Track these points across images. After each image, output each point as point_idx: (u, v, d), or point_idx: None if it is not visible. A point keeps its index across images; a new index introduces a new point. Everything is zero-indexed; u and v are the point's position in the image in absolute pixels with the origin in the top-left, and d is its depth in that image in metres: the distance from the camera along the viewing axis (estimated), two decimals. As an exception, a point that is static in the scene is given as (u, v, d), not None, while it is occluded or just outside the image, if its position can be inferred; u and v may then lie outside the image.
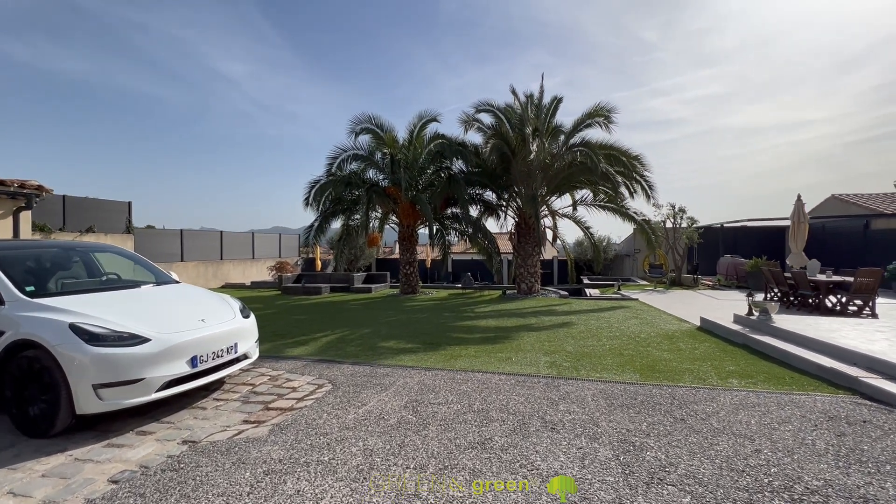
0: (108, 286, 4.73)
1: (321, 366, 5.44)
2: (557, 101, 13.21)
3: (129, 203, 15.55)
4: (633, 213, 13.03)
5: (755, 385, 4.51)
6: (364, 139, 14.04)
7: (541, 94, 13.12)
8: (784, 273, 9.28)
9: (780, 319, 6.95)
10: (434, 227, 13.65)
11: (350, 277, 15.70)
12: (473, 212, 14.33)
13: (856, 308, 7.69)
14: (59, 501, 2.58)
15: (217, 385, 4.63)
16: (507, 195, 14.00)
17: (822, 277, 8.23)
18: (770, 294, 9.53)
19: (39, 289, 4.06)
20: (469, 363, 5.47)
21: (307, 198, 13.89)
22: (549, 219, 14.65)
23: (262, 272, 20.74)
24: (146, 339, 3.59)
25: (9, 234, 7.52)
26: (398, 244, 15.19)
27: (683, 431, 3.36)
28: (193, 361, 3.83)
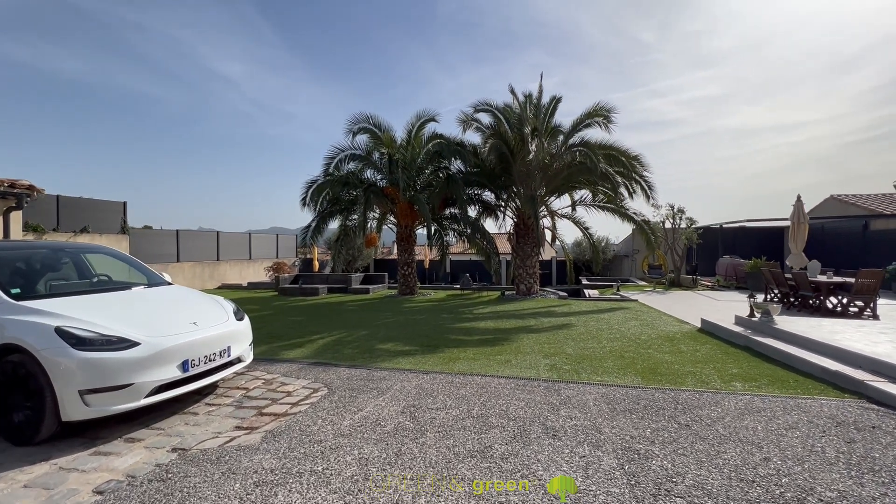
0: (98, 288, 4.61)
1: (317, 369, 5.33)
2: (556, 101, 13.10)
3: (125, 203, 15.39)
4: (633, 214, 12.95)
5: (759, 389, 4.42)
6: (362, 139, 13.92)
7: (539, 94, 13.02)
8: (784, 274, 9.21)
9: (782, 321, 6.87)
10: (432, 228, 13.53)
11: (348, 278, 15.58)
12: (472, 212, 14.24)
13: (857, 309, 7.63)
14: (40, 515, 2.47)
15: (210, 389, 4.51)
16: (506, 195, 13.90)
17: (823, 278, 8.16)
18: (770, 295, 9.46)
19: (26, 291, 3.95)
20: (468, 366, 5.36)
21: (304, 198, 13.77)
22: (548, 219, 14.59)
23: (260, 273, 20.59)
24: (135, 343, 3.48)
25: (-1, 235, 7.40)
26: (396, 245, 15.07)
27: (689, 438, 3.26)
28: (185, 366, 3.72)
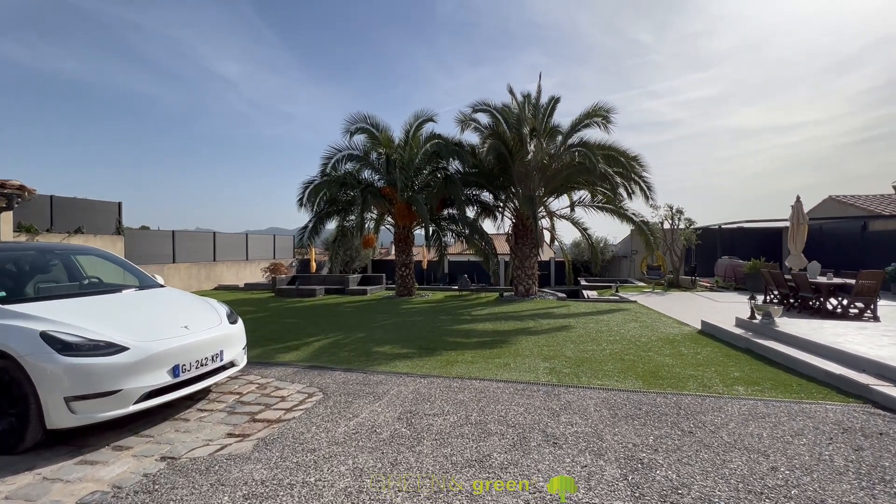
0: (88, 291, 4.49)
1: (312, 373, 5.23)
2: (555, 101, 13.03)
3: (119, 204, 15.24)
4: (632, 215, 12.89)
5: (762, 393, 4.35)
6: (359, 139, 13.83)
7: (538, 94, 12.96)
8: (784, 275, 9.15)
9: (783, 323, 6.81)
10: (430, 229, 13.44)
11: (345, 279, 15.47)
12: (470, 213, 14.15)
13: (857, 311, 7.57)
14: (21, 529, 2.37)
15: (202, 394, 4.41)
16: (505, 196, 13.82)
17: (824, 280, 8.11)
18: (770, 296, 9.40)
19: (13, 294, 3.85)
20: (466, 370, 5.27)
21: (301, 198, 13.64)
22: (547, 220, 14.51)
23: (256, 274, 20.45)
24: (124, 348, 3.38)
25: (-11, 236, 7.28)
26: (394, 245, 14.97)
27: (693, 446, 3.18)
28: (175, 371, 3.62)
